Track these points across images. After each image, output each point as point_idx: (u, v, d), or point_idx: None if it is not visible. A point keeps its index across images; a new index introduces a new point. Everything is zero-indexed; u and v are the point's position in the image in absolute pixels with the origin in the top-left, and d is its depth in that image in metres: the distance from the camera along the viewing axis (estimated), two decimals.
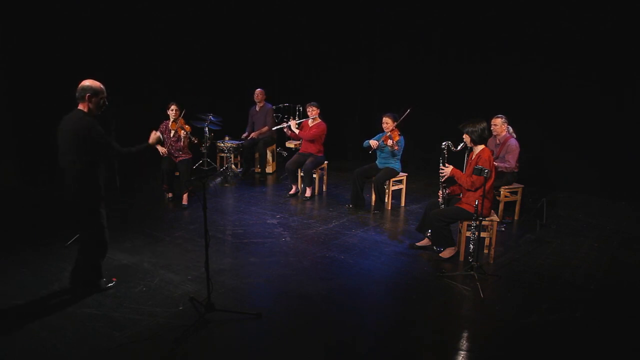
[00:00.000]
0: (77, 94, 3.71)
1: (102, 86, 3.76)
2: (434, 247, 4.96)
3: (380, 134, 6.30)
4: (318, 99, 7.32)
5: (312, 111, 6.87)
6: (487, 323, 3.71)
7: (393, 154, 6.21)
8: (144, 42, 8.04)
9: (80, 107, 3.71)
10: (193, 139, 6.52)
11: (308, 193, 6.85)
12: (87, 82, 3.71)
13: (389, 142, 6.06)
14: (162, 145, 6.41)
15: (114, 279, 4.14)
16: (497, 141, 5.90)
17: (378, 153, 6.38)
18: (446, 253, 4.83)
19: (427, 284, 4.29)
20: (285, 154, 8.79)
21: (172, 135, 6.38)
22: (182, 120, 6.48)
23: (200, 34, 8.87)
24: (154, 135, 4.26)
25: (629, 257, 4.95)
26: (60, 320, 3.55)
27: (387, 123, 6.16)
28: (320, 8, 9.29)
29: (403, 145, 6.27)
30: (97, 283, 3.97)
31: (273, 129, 7.81)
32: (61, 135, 3.69)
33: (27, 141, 6.98)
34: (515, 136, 5.86)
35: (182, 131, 6.37)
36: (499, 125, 5.81)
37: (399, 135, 6.17)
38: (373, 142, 6.17)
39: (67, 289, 3.98)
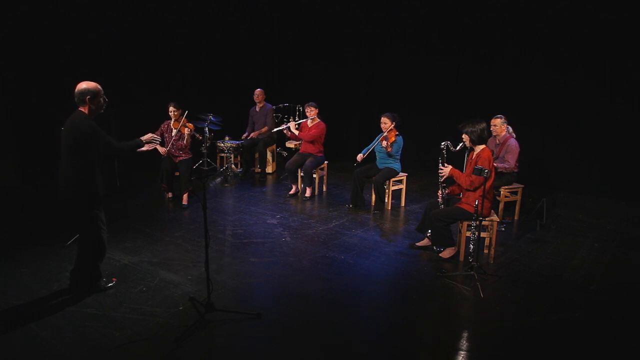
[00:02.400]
0: (76, 99, 3.70)
1: (98, 86, 3.76)
2: (434, 247, 4.96)
3: (379, 135, 6.30)
4: (318, 99, 7.32)
5: (311, 111, 6.87)
6: (487, 323, 3.71)
7: (389, 154, 6.21)
8: (143, 42, 8.04)
9: (81, 109, 3.72)
10: (198, 135, 6.54)
11: (308, 193, 6.85)
12: (83, 85, 3.71)
13: (384, 143, 6.07)
14: (162, 145, 6.41)
15: (114, 279, 4.14)
16: (497, 141, 5.90)
17: (377, 153, 6.38)
18: (446, 253, 4.83)
19: (427, 284, 4.28)
20: (285, 154, 8.79)
21: (173, 134, 6.38)
22: (185, 119, 6.48)
23: (200, 33, 8.87)
24: (148, 135, 4.21)
25: (629, 257, 4.95)
26: (60, 320, 3.56)
27: (385, 123, 6.16)
28: (320, 8, 9.29)
29: (402, 145, 6.27)
30: (96, 283, 3.97)
31: (273, 130, 7.81)
32: (62, 135, 3.71)
33: (27, 141, 6.98)
34: (515, 136, 5.86)
35: (186, 129, 6.38)
36: (499, 125, 5.81)
37: (396, 135, 6.16)
38: (359, 157, 6.26)
39: (67, 289, 3.98)
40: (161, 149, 6.30)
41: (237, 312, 3.66)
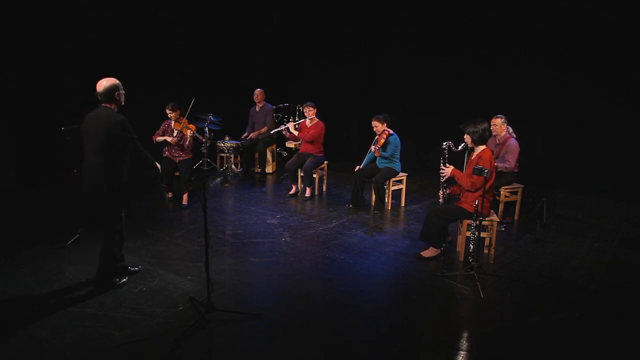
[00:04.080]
0: (102, 97, 3.79)
1: (116, 79, 3.86)
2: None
3: (374, 141, 6.31)
4: (318, 99, 7.31)
5: (309, 111, 6.87)
6: (487, 323, 3.71)
7: (383, 157, 6.21)
8: (143, 42, 8.04)
9: (107, 105, 3.80)
10: (200, 138, 6.52)
11: (308, 193, 6.85)
12: (106, 83, 3.79)
13: (372, 147, 6.10)
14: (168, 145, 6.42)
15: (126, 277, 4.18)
16: (497, 141, 5.90)
17: None
18: (428, 252, 4.81)
19: (427, 284, 4.28)
20: (285, 154, 8.79)
21: (174, 135, 6.38)
22: (186, 120, 6.47)
23: (200, 33, 8.87)
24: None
25: (629, 257, 4.95)
26: (60, 320, 3.56)
27: (376, 126, 6.17)
28: (320, 8, 9.29)
29: (399, 144, 6.25)
30: (112, 279, 4.02)
31: (272, 132, 7.79)
32: (90, 132, 3.78)
33: (27, 141, 6.98)
34: (514, 136, 5.87)
35: (188, 131, 6.37)
36: (499, 125, 5.81)
37: (386, 136, 6.13)
38: (356, 169, 6.38)
39: (67, 289, 3.99)
40: (170, 139, 6.29)
41: (237, 312, 3.66)
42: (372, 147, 6.11)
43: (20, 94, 6.85)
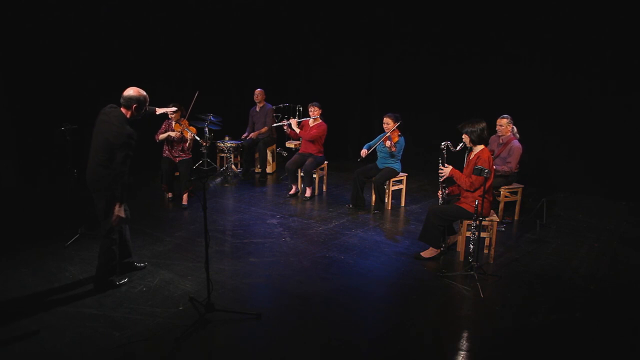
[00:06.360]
0: (122, 100, 3.82)
1: (146, 95, 3.89)
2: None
3: (381, 135, 6.30)
4: (318, 98, 7.32)
5: (314, 111, 6.87)
6: (487, 323, 3.71)
7: (391, 155, 6.22)
8: (143, 42, 8.04)
9: (123, 110, 3.83)
10: (201, 141, 6.52)
11: (308, 193, 6.85)
12: (134, 93, 3.82)
13: (388, 143, 6.07)
14: (169, 145, 6.40)
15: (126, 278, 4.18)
16: (501, 140, 5.90)
17: (378, 153, 6.38)
18: (428, 252, 4.80)
19: (427, 284, 4.28)
20: (285, 154, 8.79)
21: (174, 135, 6.37)
22: (187, 122, 6.46)
23: (200, 33, 8.87)
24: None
25: (629, 257, 4.95)
26: (60, 320, 3.55)
27: (388, 123, 6.17)
28: (320, 8, 9.29)
29: (403, 145, 6.27)
30: (110, 278, 4.02)
31: (273, 126, 7.81)
32: (102, 130, 3.79)
33: (27, 141, 6.98)
34: (518, 137, 5.87)
35: (189, 133, 6.36)
36: (505, 125, 5.80)
37: (399, 136, 6.17)
38: (363, 152, 6.27)
39: (67, 289, 3.99)
40: (173, 133, 6.29)
41: (237, 312, 3.66)
42: (388, 142, 6.09)
43: (20, 94, 6.85)
